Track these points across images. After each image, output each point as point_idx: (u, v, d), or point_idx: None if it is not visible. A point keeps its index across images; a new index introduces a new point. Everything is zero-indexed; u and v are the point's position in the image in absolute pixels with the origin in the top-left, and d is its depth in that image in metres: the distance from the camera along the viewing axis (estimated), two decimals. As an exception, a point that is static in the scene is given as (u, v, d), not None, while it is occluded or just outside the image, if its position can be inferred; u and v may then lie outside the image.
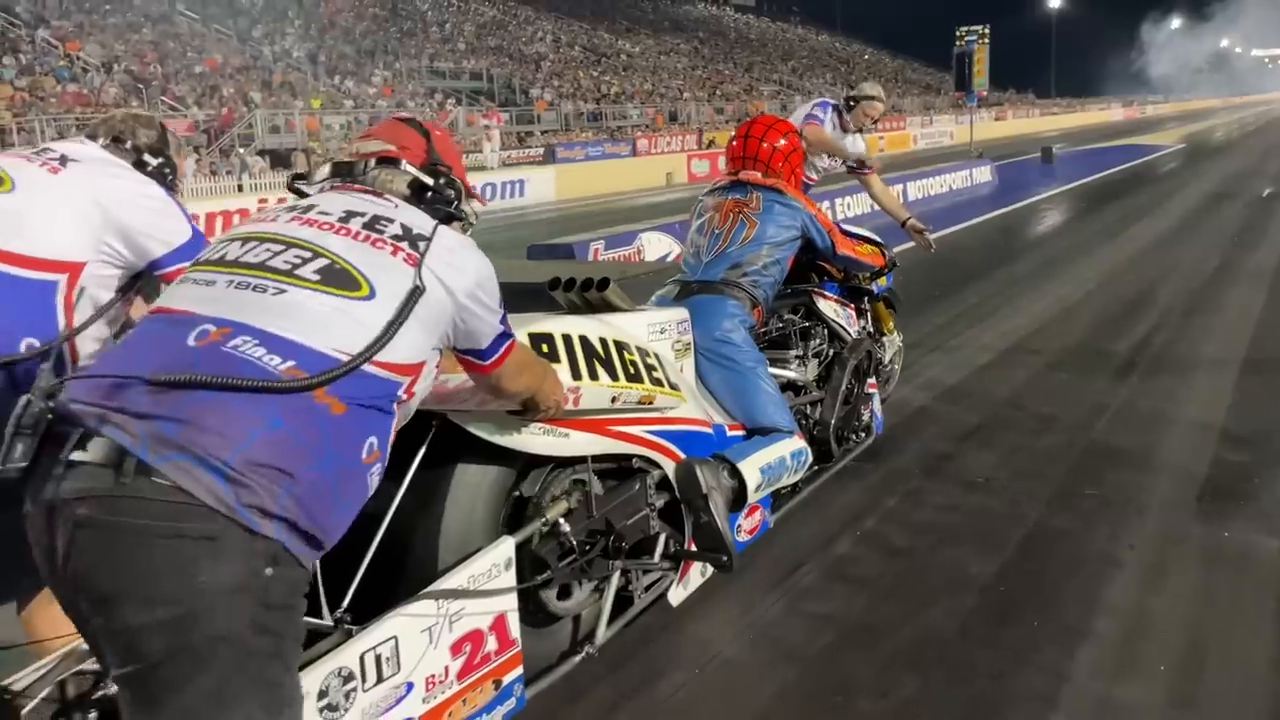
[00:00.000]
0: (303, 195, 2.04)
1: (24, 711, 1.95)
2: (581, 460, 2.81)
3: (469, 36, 40.02)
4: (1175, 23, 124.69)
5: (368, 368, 1.67)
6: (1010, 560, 3.43)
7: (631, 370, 2.94)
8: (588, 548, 2.75)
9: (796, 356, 4.21)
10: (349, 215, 1.87)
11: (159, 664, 1.43)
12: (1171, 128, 42.70)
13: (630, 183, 24.37)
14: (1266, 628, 2.95)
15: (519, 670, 2.55)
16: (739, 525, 3.51)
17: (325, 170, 2.07)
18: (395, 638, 2.21)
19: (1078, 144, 30.95)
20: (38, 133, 19.14)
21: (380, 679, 2.18)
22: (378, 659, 2.17)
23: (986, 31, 28.47)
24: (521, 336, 2.60)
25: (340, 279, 1.72)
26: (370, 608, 2.25)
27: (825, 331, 4.46)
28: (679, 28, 58.91)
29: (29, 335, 2.30)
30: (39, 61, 22.38)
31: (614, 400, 2.77)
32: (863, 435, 4.53)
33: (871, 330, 4.94)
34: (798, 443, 3.57)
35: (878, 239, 4.88)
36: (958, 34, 29.75)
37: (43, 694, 1.99)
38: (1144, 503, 3.91)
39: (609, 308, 3.25)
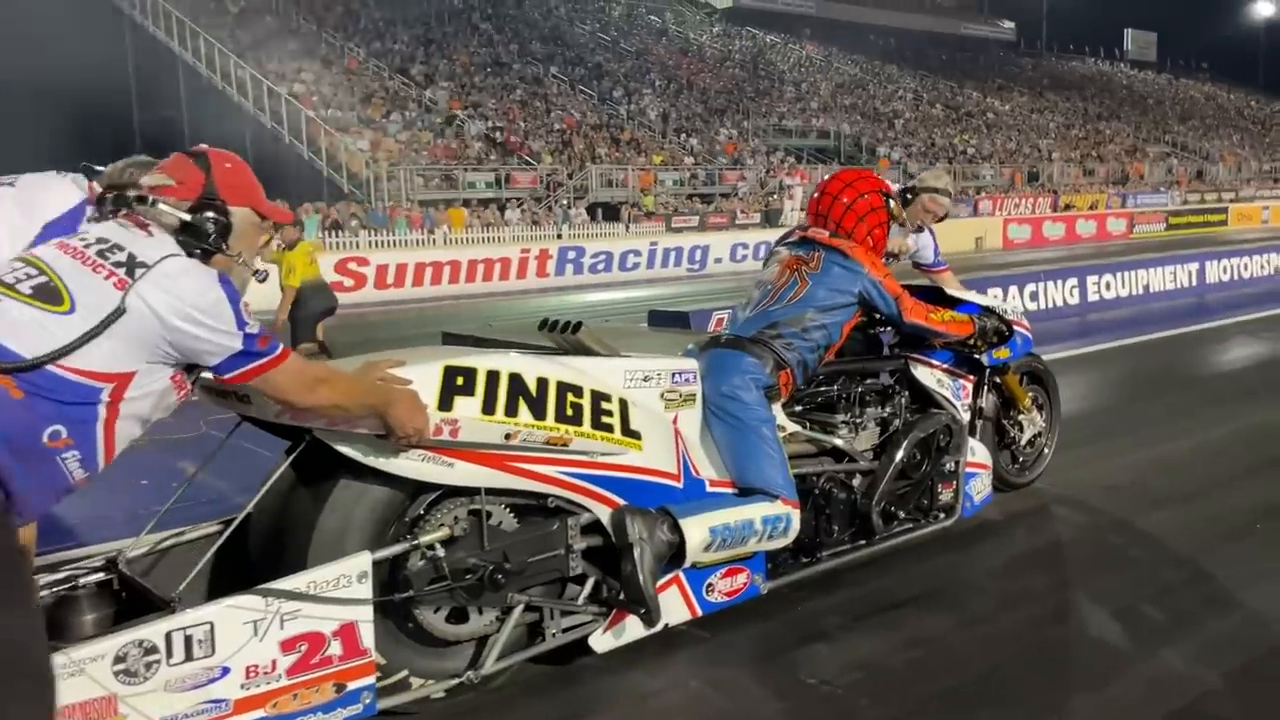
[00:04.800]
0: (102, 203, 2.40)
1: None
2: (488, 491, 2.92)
3: (824, 95, 40.49)
4: None
5: (54, 370, 2.01)
6: None
7: (569, 412, 3.02)
8: (467, 576, 2.84)
9: (845, 422, 3.99)
10: (97, 241, 2.23)
11: None
12: None
13: (935, 245, 23.09)
14: None
15: (369, 679, 2.70)
16: (710, 585, 3.42)
17: (111, 201, 2.38)
18: (211, 624, 2.46)
19: None
20: (402, 181, 21.96)
21: (189, 658, 2.43)
22: (188, 639, 2.42)
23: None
24: (436, 368, 2.79)
25: (49, 295, 2.11)
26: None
27: (902, 400, 4.20)
28: (1060, 85, 55.77)
29: None
30: (420, 119, 25.63)
31: (508, 437, 2.85)
32: (941, 515, 4.19)
33: (982, 406, 4.56)
34: (779, 508, 3.41)
35: (991, 305, 4.52)
36: None
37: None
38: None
39: (586, 351, 3.33)
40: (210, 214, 2.35)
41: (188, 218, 2.33)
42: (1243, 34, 74.32)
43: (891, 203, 4.02)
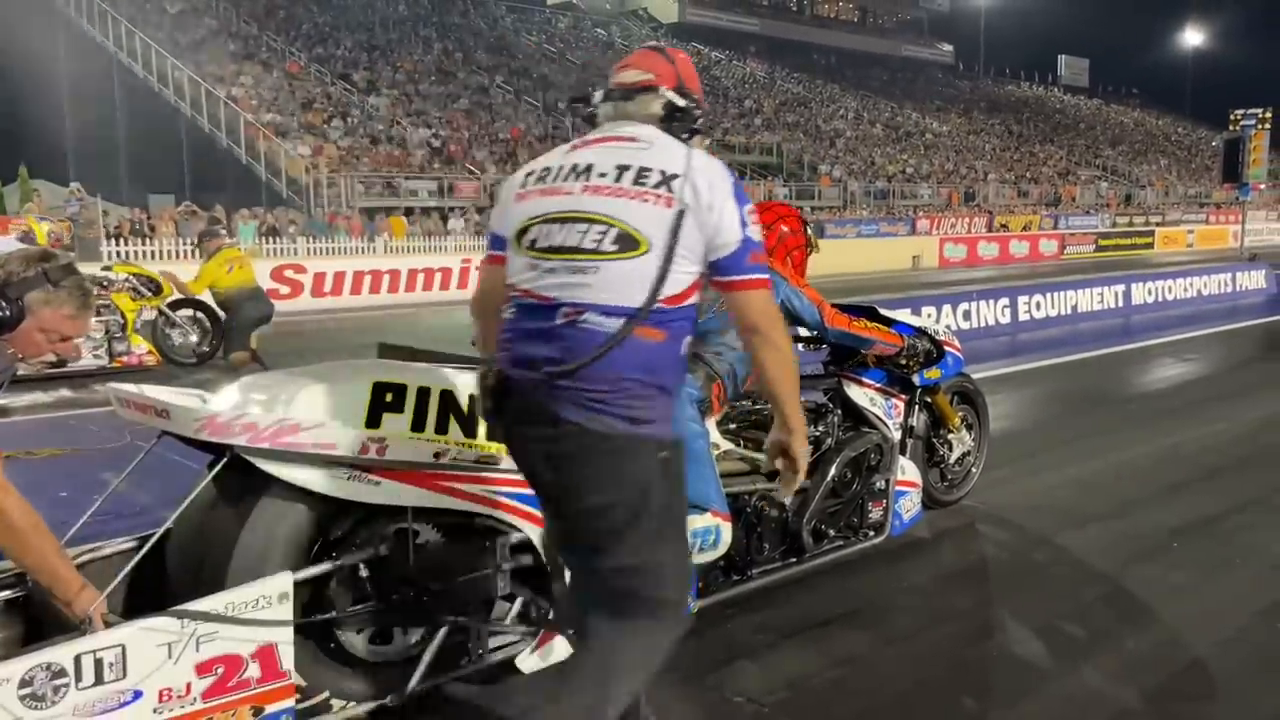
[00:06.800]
0: (583, 114, 2.52)
1: None
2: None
3: (768, 112, 40.92)
4: None
5: (665, 306, 2.22)
6: None
7: (500, 430, 2.99)
8: (392, 597, 2.81)
9: (777, 440, 4.02)
10: (621, 171, 2.29)
11: (624, 527, 2.21)
12: None
13: (874, 264, 23.40)
14: None
15: (288, 702, 2.65)
16: (640, 604, 3.41)
17: (599, 95, 2.47)
18: (123, 646, 2.39)
19: None
20: (342, 187, 21.71)
21: (100, 681, 2.36)
22: (98, 662, 2.35)
23: (1268, 115, 24.92)
24: (365, 384, 2.76)
25: (628, 243, 2.23)
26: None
27: (835, 419, 4.25)
28: (996, 108, 57.06)
29: None
30: (363, 125, 25.38)
31: (437, 455, 2.82)
32: (871, 534, 4.23)
33: (913, 425, 4.62)
34: (708, 520, 3.41)
35: (923, 326, 4.60)
36: (1232, 117, 26.29)
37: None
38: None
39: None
40: (687, 102, 2.43)
41: (683, 102, 2.42)
42: (1172, 62, 76.78)
43: (809, 229, 4.15)
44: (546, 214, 2.31)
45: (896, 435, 4.44)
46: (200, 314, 9.92)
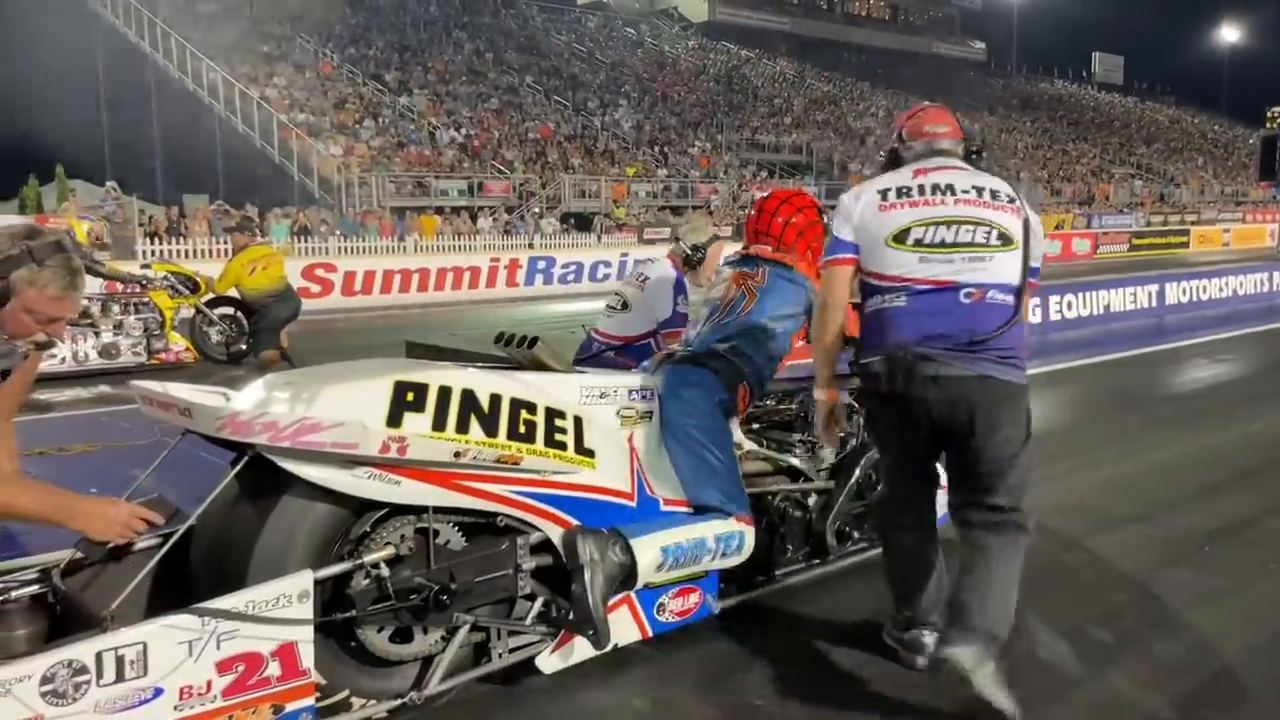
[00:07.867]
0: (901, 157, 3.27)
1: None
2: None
3: (797, 111, 40.75)
4: None
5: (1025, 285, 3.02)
6: None
7: (522, 430, 2.99)
8: (412, 596, 2.81)
9: (802, 442, 3.99)
10: (979, 190, 3.04)
11: (1019, 451, 3.02)
12: None
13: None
14: None
15: (308, 700, 2.65)
16: (661, 605, 3.39)
17: (920, 147, 3.21)
18: (144, 643, 2.40)
19: None
20: (374, 187, 21.84)
21: (121, 678, 2.37)
22: (119, 659, 2.37)
23: (1307, 111, 24.57)
24: (386, 383, 2.77)
25: (1006, 240, 3.00)
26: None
27: (859, 419, 4.20)
28: (1029, 105, 56.53)
29: None
30: (394, 125, 25.52)
31: (458, 455, 2.82)
32: (895, 536, 4.18)
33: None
34: (731, 525, 3.38)
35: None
36: (1269, 114, 25.91)
37: None
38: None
39: (541, 366, 3.31)
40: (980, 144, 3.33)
41: (978, 147, 3.27)
42: (1208, 59, 75.62)
43: (825, 216, 4.08)
44: (927, 219, 2.99)
45: (923, 436, 4.39)
46: (239, 313, 10.02)
